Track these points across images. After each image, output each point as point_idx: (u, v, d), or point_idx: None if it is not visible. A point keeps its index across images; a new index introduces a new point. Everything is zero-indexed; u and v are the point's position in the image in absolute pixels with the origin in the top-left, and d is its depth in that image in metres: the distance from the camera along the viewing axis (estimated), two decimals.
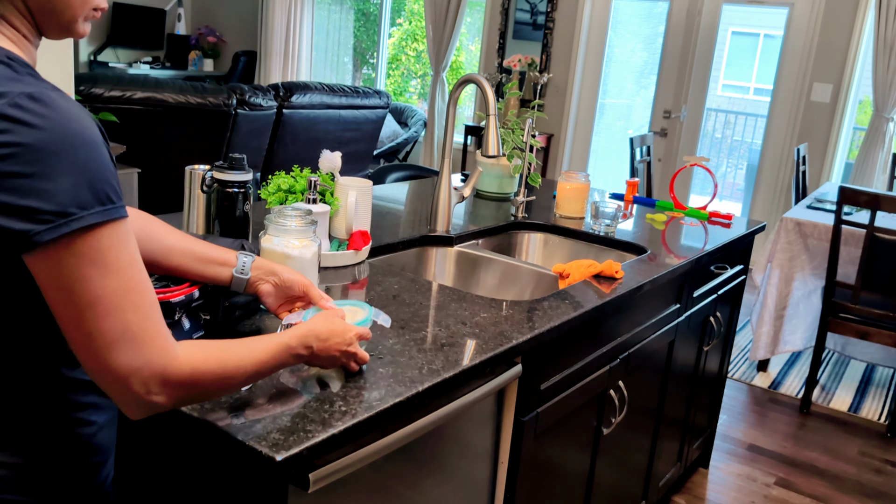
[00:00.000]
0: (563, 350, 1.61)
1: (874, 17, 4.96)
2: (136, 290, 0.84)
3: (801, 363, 4.00)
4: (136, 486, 1.18)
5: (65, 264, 0.80)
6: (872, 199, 3.15)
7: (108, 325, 0.82)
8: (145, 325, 0.84)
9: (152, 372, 0.84)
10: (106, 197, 0.82)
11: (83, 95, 3.69)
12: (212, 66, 8.16)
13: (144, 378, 0.84)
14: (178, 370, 0.86)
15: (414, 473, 1.28)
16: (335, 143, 4.90)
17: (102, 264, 0.81)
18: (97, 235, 0.81)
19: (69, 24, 0.90)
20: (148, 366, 0.84)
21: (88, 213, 0.80)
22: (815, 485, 2.85)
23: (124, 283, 0.83)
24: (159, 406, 0.87)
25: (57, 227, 0.78)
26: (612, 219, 2.30)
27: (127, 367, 0.83)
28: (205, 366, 0.89)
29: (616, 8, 6.12)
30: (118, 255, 0.83)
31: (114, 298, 0.82)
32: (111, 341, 0.82)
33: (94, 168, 0.81)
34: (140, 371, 0.84)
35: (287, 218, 1.37)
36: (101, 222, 0.81)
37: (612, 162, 6.44)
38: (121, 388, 0.84)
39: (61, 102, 0.81)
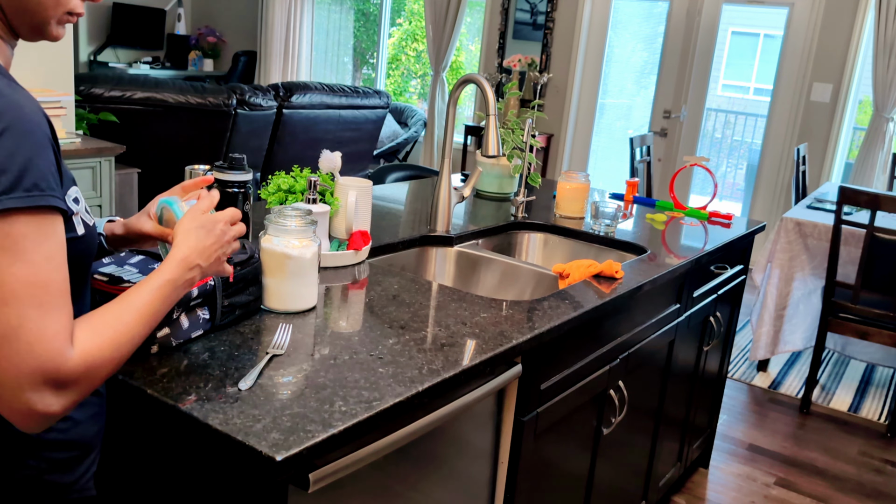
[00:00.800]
0: (563, 350, 1.61)
1: (874, 17, 4.96)
2: (46, 286, 0.78)
3: (801, 363, 4.00)
4: (135, 485, 1.18)
5: None
6: (872, 199, 3.15)
7: (3, 314, 0.76)
8: (44, 322, 0.77)
9: (45, 377, 0.78)
10: (32, 185, 0.78)
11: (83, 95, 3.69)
12: (212, 66, 8.16)
13: (36, 384, 0.77)
14: (71, 371, 0.80)
15: (414, 473, 1.28)
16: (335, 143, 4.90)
17: (13, 251, 0.77)
18: (12, 221, 0.77)
19: (41, 25, 0.90)
20: (40, 369, 0.77)
21: (8, 198, 0.76)
22: (815, 485, 2.86)
23: (32, 275, 0.77)
24: (52, 416, 0.80)
25: None
26: (612, 219, 2.30)
27: (15, 370, 0.76)
28: (99, 354, 0.83)
29: (616, 8, 6.12)
30: (32, 247, 0.78)
31: (16, 288, 0.76)
32: (2, 335, 0.76)
33: (25, 156, 0.78)
34: (31, 375, 0.77)
35: (287, 218, 1.37)
36: (20, 208, 0.77)
37: (612, 162, 6.44)
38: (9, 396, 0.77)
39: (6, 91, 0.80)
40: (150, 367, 1.13)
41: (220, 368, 1.15)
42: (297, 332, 1.31)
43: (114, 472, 1.20)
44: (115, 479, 1.20)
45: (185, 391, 1.07)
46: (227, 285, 1.25)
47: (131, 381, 1.09)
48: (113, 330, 0.86)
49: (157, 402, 1.05)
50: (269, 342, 1.26)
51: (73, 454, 0.98)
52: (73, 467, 0.98)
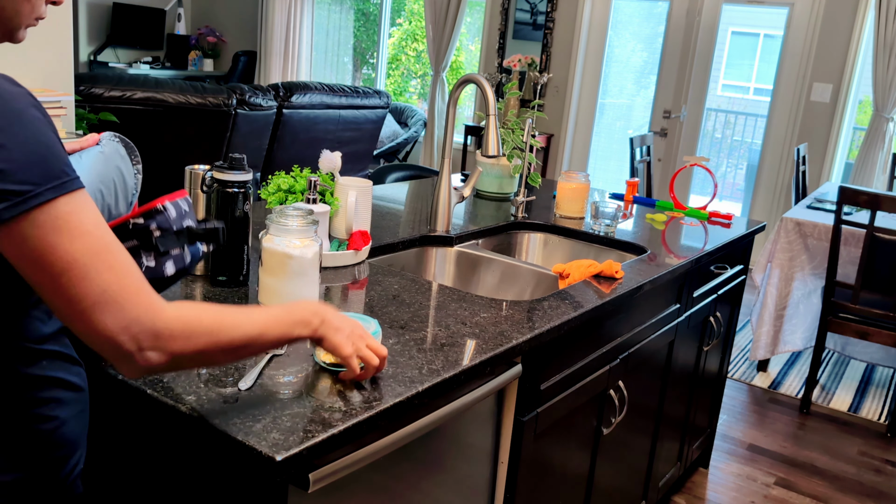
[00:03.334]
0: (563, 350, 1.61)
1: (874, 17, 4.96)
2: (108, 250, 0.84)
3: (801, 363, 4.00)
4: (135, 485, 1.18)
5: (29, 237, 0.80)
6: (872, 199, 3.15)
7: (86, 288, 0.82)
8: (123, 282, 0.84)
9: (141, 328, 0.84)
10: (60, 171, 0.82)
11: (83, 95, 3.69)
12: (212, 66, 8.16)
13: (134, 335, 0.84)
14: (167, 324, 0.85)
15: (414, 473, 1.28)
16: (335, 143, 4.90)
17: (67, 230, 0.81)
18: (56, 206, 0.81)
19: (14, 30, 0.93)
20: (136, 322, 0.84)
21: (45, 188, 0.80)
22: (815, 485, 2.86)
23: (93, 244, 0.83)
24: (155, 364, 0.86)
25: (15, 205, 0.79)
26: (612, 219, 2.30)
27: (114, 327, 0.83)
28: (198, 321, 0.88)
29: (616, 8, 6.12)
30: (81, 220, 0.83)
31: (86, 261, 0.82)
32: (93, 303, 0.82)
33: (44, 144, 0.82)
34: (128, 329, 0.83)
35: (289, 218, 1.37)
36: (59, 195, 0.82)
37: (612, 162, 6.44)
38: (113, 349, 0.84)
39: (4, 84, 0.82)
40: None
41: (220, 368, 1.15)
42: None
43: (114, 472, 1.20)
44: (115, 479, 1.20)
45: (185, 391, 1.07)
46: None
47: (131, 382, 1.09)
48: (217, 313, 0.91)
49: (157, 402, 1.05)
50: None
51: (61, 453, 0.98)
52: (61, 466, 0.98)
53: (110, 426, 1.18)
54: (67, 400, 0.99)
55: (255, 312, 0.96)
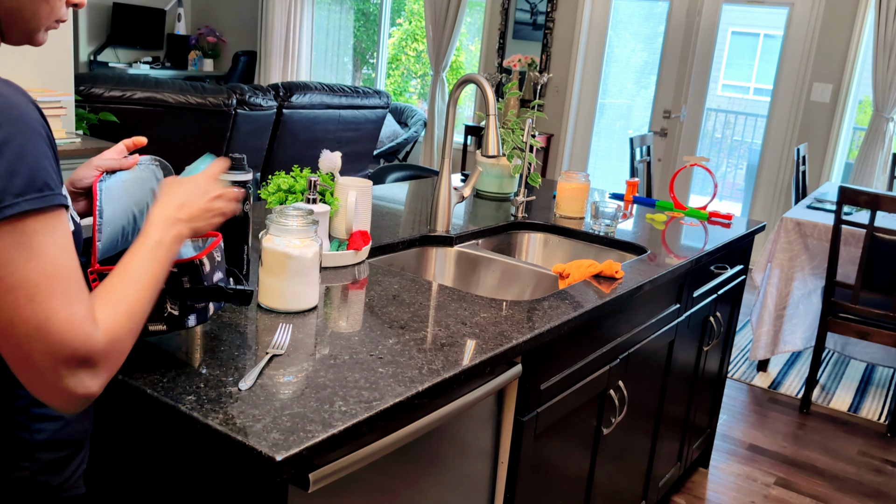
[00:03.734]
0: (563, 350, 1.61)
1: (874, 17, 4.96)
2: (64, 276, 0.81)
3: (801, 363, 4.00)
4: (136, 485, 1.18)
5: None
6: (872, 199, 3.15)
7: (30, 311, 0.78)
8: (71, 311, 0.80)
9: (80, 361, 0.81)
10: (43, 184, 0.80)
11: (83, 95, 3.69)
12: (212, 66, 8.16)
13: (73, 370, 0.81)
14: (102, 350, 0.83)
15: (414, 473, 1.28)
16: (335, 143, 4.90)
17: (27, 248, 0.79)
18: (26, 221, 0.79)
19: (33, 33, 0.92)
20: (75, 356, 0.81)
21: (23, 200, 0.78)
22: (815, 485, 2.86)
23: (50, 267, 0.80)
24: (93, 396, 0.84)
25: None
26: (612, 219, 2.30)
27: (51, 357, 0.80)
28: (120, 329, 0.87)
29: (616, 8, 6.12)
30: (45, 241, 0.80)
31: (39, 282, 0.79)
32: (34, 329, 0.79)
33: (33, 156, 0.80)
34: (67, 363, 0.80)
35: (289, 218, 1.37)
36: (35, 209, 0.80)
37: (612, 162, 6.44)
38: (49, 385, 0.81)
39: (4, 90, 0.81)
40: (150, 367, 1.13)
41: (220, 368, 1.15)
42: (297, 331, 1.31)
43: (114, 472, 1.20)
44: (115, 478, 1.20)
45: (185, 391, 1.07)
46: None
47: (131, 381, 1.09)
48: (126, 303, 0.89)
49: (157, 402, 1.05)
50: (269, 342, 1.26)
51: (64, 453, 0.98)
52: (64, 467, 0.99)
53: (110, 426, 1.18)
54: None
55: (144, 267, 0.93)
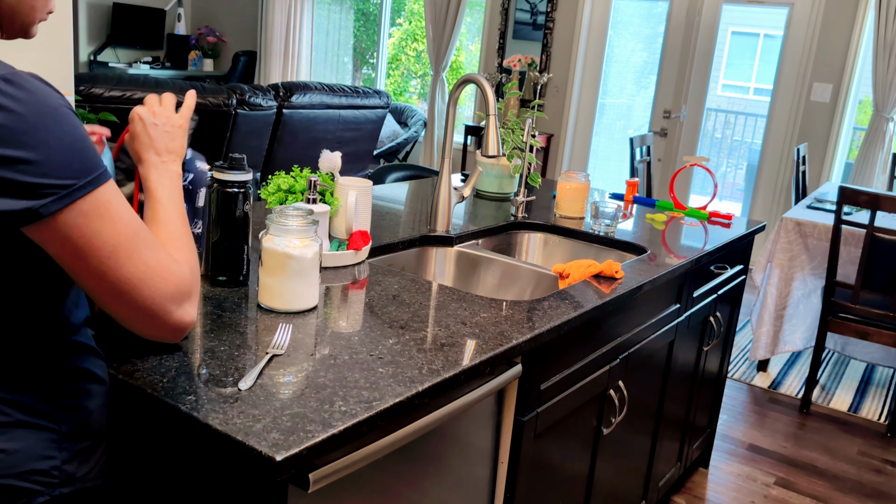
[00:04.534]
0: (563, 350, 1.61)
1: (874, 17, 4.96)
2: (143, 229, 0.91)
3: (801, 363, 4.00)
4: (136, 485, 1.18)
5: (75, 226, 0.85)
6: (872, 199, 3.15)
7: (132, 267, 0.89)
8: (158, 256, 0.92)
9: (181, 294, 0.93)
10: (93, 164, 0.87)
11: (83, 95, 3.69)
12: (212, 66, 8.16)
13: (177, 301, 0.93)
14: (192, 279, 0.95)
15: (414, 473, 1.28)
16: (335, 143, 4.90)
17: (108, 217, 0.88)
18: (96, 195, 0.87)
19: (30, 25, 0.97)
20: (176, 290, 0.92)
21: (87, 181, 0.86)
22: (815, 485, 2.86)
23: (131, 226, 0.90)
24: (192, 322, 0.96)
25: (61, 198, 0.83)
26: (612, 219, 2.30)
27: (161, 298, 0.91)
28: (192, 257, 0.99)
29: (616, 8, 6.12)
30: (118, 206, 0.89)
31: (128, 242, 0.89)
32: (139, 280, 0.89)
33: (79, 138, 0.86)
34: (173, 297, 0.92)
35: (289, 218, 1.37)
36: (101, 183, 0.87)
37: (612, 162, 6.44)
38: (162, 322, 0.92)
39: (35, 82, 0.85)
40: (150, 367, 1.13)
41: (220, 368, 1.15)
42: (297, 331, 1.31)
43: (116, 472, 1.20)
44: (116, 478, 1.20)
45: (185, 391, 1.07)
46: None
47: (132, 381, 1.09)
48: (182, 239, 1.01)
49: (157, 402, 1.06)
50: (269, 342, 1.26)
51: (88, 443, 1.00)
52: (89, 457, 1.00)
53: (112, 424, 1.18)
54: (94, 392, 1.01)
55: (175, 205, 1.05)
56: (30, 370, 0.94)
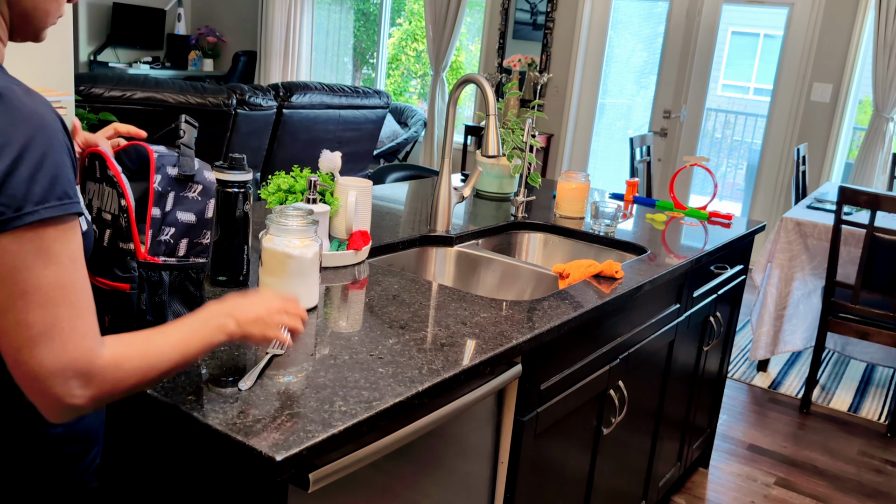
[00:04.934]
0: (563, 350, 1.61)
1: (874, 17, 4.96)
2: (74, 287, 0.83)
3: (801, 363, 4.00)
4: (136, 485, 1.18)
5: (7, 252, 0.79)
6: (872, 199, 3.15)
7: (38, 316, 0.80)
8: (75, 322, 0.82)
9: (75, 372, 0.82)
10: (63, 193, 0.82)
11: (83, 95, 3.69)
12: (212, 66, 8.16)
13: (67, 378, 0.82)
14: (100, 368, 0.84)
15: (414, 473, 1.28)
16: (335, 143, 4.90)
17: (45, 255, 0.81)
18: (46, 228, 0.81)
19: (41, 30, 0.95)
20: (72, 365, 0.82)
21: (43, 208, 0.80)
22: (815, 485, 2.86)
23: (63, 277, 0.82)
24: (79, 408, 0.84)
25: (9, 220, 0.78)
26: (612, 219, 2.30)
27: (49, 366, 0.81)
28: (127, 361, 0.87)
29: (616, 8, 6.12)
30: (62, 250, 0.82)
31: (49, 290, 0.81)
32: (38, 334, 0.81)
33: (56, 164, 0.82)
34: (63, 371, 0.81)
35: (289, 218, 1.37)
36: (54, 217, 0.81)
37: (612, 162, 6.44)
38: (40, 388, 0.82)
39: (25, 99, 0.82)
40: None
41: (220, 368, 1.15)
42: None
43: (115, 472, 1.20)
44: (116, 478, 1.20)
45: (185, 391, 1.07)
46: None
47: None
48: (144, 345, 0.90)
49: (157, 402, 1.06)
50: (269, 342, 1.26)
51: (79, 448, 1.00)
52: (79, 461, 1.00)
53: (112, 426, 1.18)
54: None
55: (175, 332, 0.94)
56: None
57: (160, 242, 1.12)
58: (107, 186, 1.11)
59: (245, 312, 1.01)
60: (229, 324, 0.99)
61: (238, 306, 1.01)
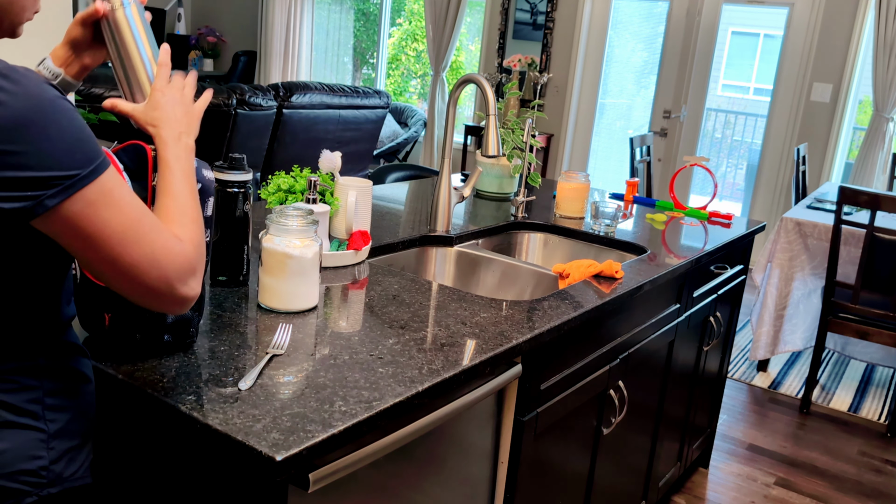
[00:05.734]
0: (563, 350, 1.61)
1: (874, 17, 4.96)
2: (146, 213, 0.92)
3: (801, 363, 4.00)
4: (136, 485, 1.18)
5: (83, 216, 0.86)
6: (872, 199, 3.15)
7: (139, 251, 0.90)
8: (163, 237, 0.93)
9: (187, 273, 0.95)
10: (94, 152, 0.88)
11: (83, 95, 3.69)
12: (212, 66, 8.16)
13: (185, 281, 0.95)
14: (196, 256, 0.97)
15: (414, 473, 1.28)
16: (335, 143, 4.90)
17: (114, 204, 0.89)
18: (100, 183, 0.88)
19: (17, 25, 0.97)
20: (181, 268, 0.94)
21: (90, 170, 0.87)
22: (815, 485, 2.86)
23: (136, 211, 0.91)
24: (196, 295, 0.98)
25: (66, 188, 0.84)
26: (612, 219, 2.30)
27: (167, 278, 0.93)
28: (196, 236, 1.00)
29: (616, 8, 6.12)
30: (121, 192, 0.90)
31: (134, 227, 0.90)
32: (148, 264, 0.91)
33: (78, 128, 0.87)
34: (180, 278, 0.94)
35: (289, 218, 1.37)
36: (102, 171, 0.88)
37: (612, 162, 6.44)
38: (168, 297, 0.94)
39: (30, 75, 0.85)
40: (150, 367, 1.13)
41: (220, 368, 1.15)
42: (297, 331, 1.31)
43: (115, 472, 1.20)
44: (116, 478, 1.20)
45: (185, 391, 1.07)
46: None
47: (132, 381, 1.09)
48: (187, 215, 1.02)
49: (157, 402, 1.06)
50: (269, 342, 1.26)
51: (76, 443, 1.00)
52: (76, 456, 1.00)
53: (111, 425, 1.18)
54: (82, 391, 1.02)
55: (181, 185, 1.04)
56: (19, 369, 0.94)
57: None
58: None
59: (177, 118, 1.10)
60: (186, 140, 1.10)
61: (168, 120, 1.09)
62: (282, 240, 1.36)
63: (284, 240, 1.36)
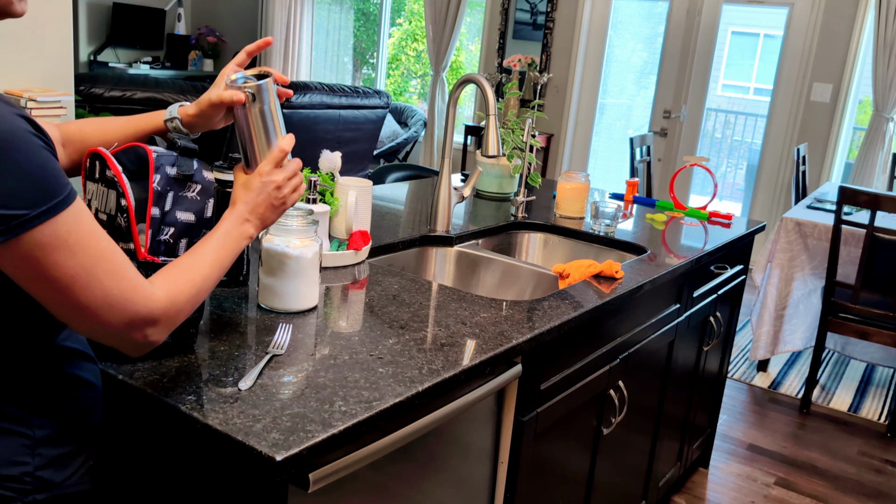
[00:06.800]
0: (563, 350, 1.61)
1: (874, 17, 4.96)
2: (104, 258, 0.89)
3: (801, 363, 4.00)
4: (136, 485, 1.18)
5: (31, 257, 0.83)
6: (872, 199, 3.15)
7: (90, 296, 0.87)
8: (122, 284, 0.90)
9: (143, 321, 0.92)
10: (52, 190, 0.83)
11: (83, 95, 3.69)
12: (212, 66, 8.16)
13: (137, 327, 0.92)
14: (163, 309, 0.94)
15: (414, 473, 1.28)
16: (335, 143, 4.90)
17: (66, 247, 0.85)
18: (53, 225, 0.83)
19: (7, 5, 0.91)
20: (137, 317, 0.91)
21: (40, 211, 0.82)
22: (815, 485, 2.86)
23: (91, 255, 0.87)
24: (159, 341, 0.96)
25: (10, 228, 0.80)
26: (612, 219, 2.30)
27: (119, 326, 0.91)
28: (181, 294, 0.97)
29: (616, 8, 6.12)
30: (78, 234, 0.86)
31: (87, 272, 0.87)
32: (97, 308, 0.88)
33: (37, 165, 0.82)
34: (132, 324, 0.91)
35: (289, 218, 1.37)
36: (59, 211, 0.84)
37: (612, 162, 6.44)
38: (121, 341, 0.93)
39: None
40: (150, 367, 1.13)
41: (220, 368, 1.15)
42: (297, 331, 1.31)
43: (115, 472, 1.20)
44: (115, 478, 1.20)
45: (185, 391, 1.07)
46: None
47: (132, 382, 1.09)
48: (189, 274, 1.00)
49: (157, 402, 1.06)
50: (269, 342, 1.26)
51: (67, 450, 0.99)
52: (67, 463, 0.99)
53: (111, 425, 1.18)
54: (79, 397, 1.00)
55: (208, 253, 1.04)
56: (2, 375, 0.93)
57: (160, 242, 1.12)
58: (103, 187, 1.11)
59: (257, 206, 1.11)
60: (248, 228, 1.10)
61: (248, 203, 1.10)
62: (282, 240, 1.36)
63: (284, 240, 1.36)
